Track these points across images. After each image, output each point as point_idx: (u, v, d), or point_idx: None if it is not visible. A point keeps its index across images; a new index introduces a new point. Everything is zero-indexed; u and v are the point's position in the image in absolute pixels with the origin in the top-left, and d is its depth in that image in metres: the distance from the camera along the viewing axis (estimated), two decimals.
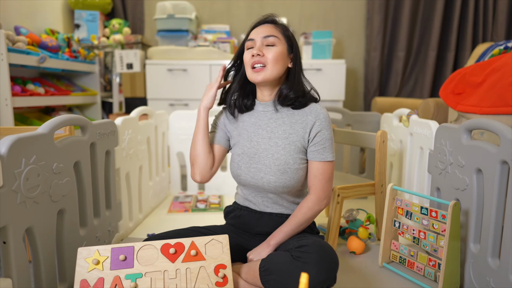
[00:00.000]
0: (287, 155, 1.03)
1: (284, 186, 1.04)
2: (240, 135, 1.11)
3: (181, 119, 2.04)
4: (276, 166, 1.03)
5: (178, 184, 2.12)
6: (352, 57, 2.92)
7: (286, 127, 1.06)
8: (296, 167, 1.04)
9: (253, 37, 1.04)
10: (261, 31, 1.04)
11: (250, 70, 1.04)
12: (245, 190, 1.12)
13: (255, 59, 1.02)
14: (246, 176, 1.07)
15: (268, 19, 1.08)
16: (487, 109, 1.34)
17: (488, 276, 0.99)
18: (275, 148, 1.04)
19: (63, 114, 1.28)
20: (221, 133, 1.15)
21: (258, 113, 1.10)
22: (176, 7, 2.60)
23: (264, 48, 1.03)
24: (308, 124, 1.04)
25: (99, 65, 2.75)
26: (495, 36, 2.65)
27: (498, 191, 0.96)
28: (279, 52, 1.02)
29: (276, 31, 1.04)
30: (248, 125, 1.10)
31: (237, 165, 1.09)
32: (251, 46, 1.05)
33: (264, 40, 1.03)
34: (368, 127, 2.13)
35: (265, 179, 1.04)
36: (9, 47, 1.78)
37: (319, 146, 1.03)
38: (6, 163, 0.80)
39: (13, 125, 1.80)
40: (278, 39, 1.03)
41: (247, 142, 1.08)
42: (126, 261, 0.90)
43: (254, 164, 1.06)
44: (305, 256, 0.87)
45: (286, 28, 1.08)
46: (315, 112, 1.04)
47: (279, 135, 1.05)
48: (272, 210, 1.09)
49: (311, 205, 1.04)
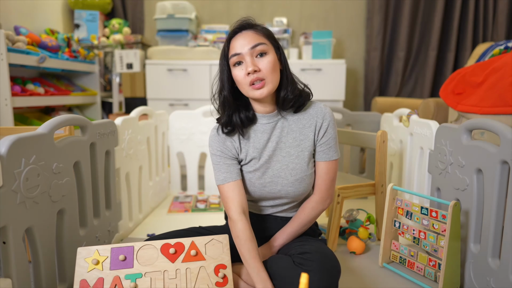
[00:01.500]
0: (302, 163, 1.00)
1: (303, 193, 1.03)
2: (248, 153, 1.02)
3: (181, 119, 2.04)
4: (293, 176, 1.00)
5: (178, 184, 2.12)
6: (352, 57, 2.92)
7: (295, 134, 1.01)
8: (311, 172, 1.02)
9: (239, 51, 0.93)
10: (244, 42, 0.93)
11: (247, 88, 0.94)
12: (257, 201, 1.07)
13: (252, 77, 0.92)
14: (261, 191, 1.02)
15: (245, 24, 0.96)
16: (487, 109, 1.33)
17: (488, 276, 0.98)
18: (288, 158, 1.00)
19: (63, 114, 1.28)
20: (232, 164, 1.01)
21: (263, 126, 1.02)
22: (176, 7, 2.60)
23: (256, 61, 0.93)
24: (316, 126, 1.01)
25: (99, 65, 2.75)
26: (495, 36, 2.65)
27: (498, 191, 0.96)
28: (273, 60, 0.94)
29: (261, 37, 0.94)
30: (255, 141, 1.01)
31: (249, 182, 1.02)
32: (238, 61, 0.94)
33: (253, 51, 0.92)
34: (368, 127, 2.13)
35: (283, 191, 1.01)
36: (9, 47, 1.78)
37: (325, 146, 1.01)
38: (6, 163, 0.80)
39: (13, 125, 1.80)
40: (266, 46, 0.94)
41: (257, 160, 1.01)
42: (125, 261, 0.90)
43: (268, 179, 1.01)
44: (307, 263, 0.86)
45: (266, 28, 0.98)
46: (321, 113, 1.01)
47: (290, 144, 1.01)
48: (278, 214, 1.08)
49: (315, 205, 1.03)
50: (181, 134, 2.05)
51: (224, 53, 0.97)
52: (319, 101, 1.05)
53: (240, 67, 0.94)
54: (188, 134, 2.04)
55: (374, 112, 2.18)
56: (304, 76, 1.10)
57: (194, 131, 2.04)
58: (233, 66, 0.95)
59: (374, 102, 2.55)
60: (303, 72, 2.42)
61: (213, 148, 1.03)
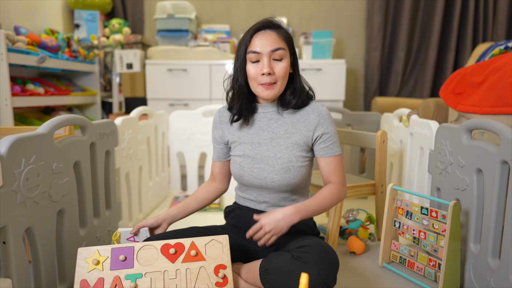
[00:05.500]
0: (290, 153, 1.03)
1: (288, 185, 1.04)
2: (240, 138, 1.09)
3: (181, 119, 2.04)
4: (279, 164, 1.03)
5: (178, 184, 2.12)
6: (352, 57, 2.92)
7: (287, 126, 1.05)
8: (299, 165, 1.04)
9: (259, 50, 0.98)
10: (267, 42, 0.98)
11: (256, 85, 1.01)
12: (247, 190, 1.11)
13: (265, 78, 0.98)
14: (249, 176, 1.07)
15: (270, 24, 1.01)
16: (487, 109, 1.34)
17: (488, 276, 0.98)
18: (277, 148, 1.04)
19: (63, 114, 1.28)
20: (220, 149, 1.15)
21: (258, 115, 1.09)
22: (176, 7, 2.60)
23: (271, 64, 0.99)
24: (311, 122, 1.04)
25: (99, 65, 2.74)
26: (495, 36, 2.65)
27: (498, 191, 0.96)
28: (286, 66, 1.01)
29: (282, 41, 1.00)
30: (248, 127, 1.09)
31: (239, 166, 1.08)
32: (256, 60, 1.00)
33: (272, 54, 0.99)
34: (368, 127, 2.13)
35: (268, 178, 1.04)
36: (9, 47, 1.78)
37: (328, 142, 1.04)
38: (6, 163, 0.80)
39: (13, 125, 1.80)
40: (285, 51, 1.00)
41: (249, 145, 1.08)
42: (126, 261, 0.90)
43: (256, 164, 1.05)
44: (306, 256, 0.87)
45: (287, 33, 1.04)
46: (317, 111, 1.05)
47: (281, 135, 1.05)
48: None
49: (331, 189, 1.03)
50: (181, 134, 2.05)
51: (244, 45, 1.01)
52: (319, 102, 1.08)
53: (255, 64, 1.00)
54: (188, 134, 2.04)
55: (374, 112, 2.18)
56: (304, 76, 1.11)
57: (194, 131, 2.04)
58: (249, 61, 1.01)
59: (374, 102, 2.55)
60: (303, 72, 2.40)
61: (212, 132, 1.17)
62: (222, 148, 1.15)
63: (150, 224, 1.07)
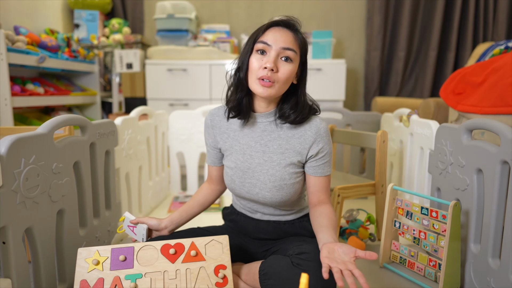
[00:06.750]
0: (283, 171, 0.98)
1: (280, 201, 1.00)
2: (232, 147, 1.04)
3: (181, 119, 2.04)
4: (271, 182, 0.98)
5: (178, 184, 2.12)
6: (352, 57, 2.92)
7: (282, 141, 0.99)
8: (292, 182, 0.99)
9: (270, 43, 0.91)
10: (281, 39, 0.91)
11: (254, 79, 0.92)
12: (241, 200, 1.09)
13: (266, 73, 0.90)
14: (240, 190, 1.03)
15: (290, 23, 0.95)
16: (488, 109, 1.33)
17: (488, 276, 0.98)
18: (269, 164, 0.99)
19: (62, 114, 1.28)
20: (214, 153, 1.11)
21: (252, 124, 1.02)
22: (176, 7, 2.60)
23: (278, 62, 0.92)
24: (307, 140, 0.98)
25: (99, 65, 2.74)
26: (496, 35, 2.65)
27: (498, 191, 0.96)
28: (292, 71, 0.93)
29: (296, 44, 0.94)
30: (240, 136, 1.03)
31: (230, 179, 1.04)
32: (263, 50, 0.92)
33: (281, 51, 0.91)
34: (368, 127, 2.13)
35: (260, 194, 1.00)
36: (8, 47, 1.78)
37: (322, 161, 0.99)
38: (5, 163, 0.80)
39: (13, 125, 1.80)
40: (295, 54, 0.93)
41: (240, 156, 1.02)
42: (126, 261, 0.90)
43: (248, 179, 1.01)
44: (305, 264, 0.86)
45: (305, 40, 0.97)
46: (315, 127, 0.98)
47: (274, 150, 0.99)
48: (270, 219, 1.07)
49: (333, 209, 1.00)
50: (181, 134, 2.04)
51: (255, 35, 0.94)
52: (319, 117, 1.01)
53: (260, 56, 0.92)
54: (188, 134, 2.04)
55: (374, 112, 2.18)
56: None
57: (194, 131, 2.04)
58: (255, 51, 0.93)
59: (374, 102, 2.55)
60: None
61: (204, 135, 1.13)
62: (217, 153, 1.11)
63: (150, 225, 1.07)
